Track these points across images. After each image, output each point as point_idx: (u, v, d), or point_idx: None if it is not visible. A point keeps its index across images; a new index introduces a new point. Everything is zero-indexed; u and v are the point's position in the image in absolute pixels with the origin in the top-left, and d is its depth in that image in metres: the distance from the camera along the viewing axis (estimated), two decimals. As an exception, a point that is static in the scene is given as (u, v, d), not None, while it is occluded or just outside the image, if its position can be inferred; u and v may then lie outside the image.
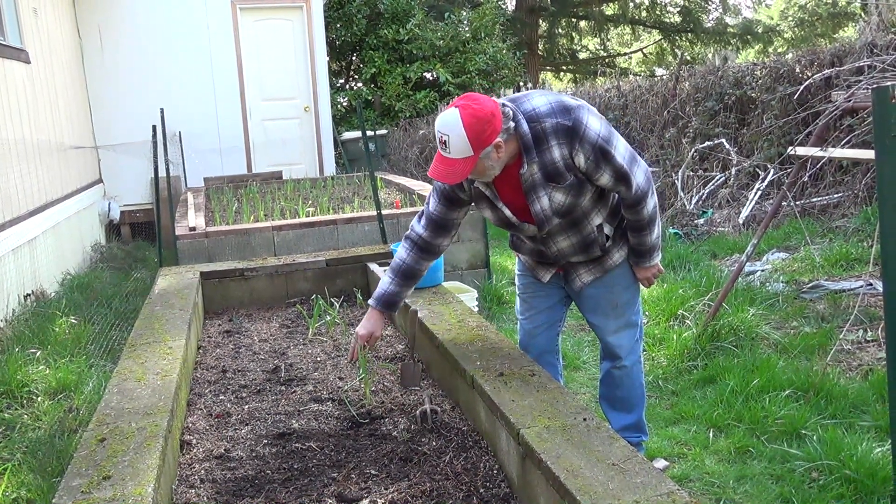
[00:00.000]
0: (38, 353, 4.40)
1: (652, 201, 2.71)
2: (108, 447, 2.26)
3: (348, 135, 12.47)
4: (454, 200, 2.80)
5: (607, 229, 2.81)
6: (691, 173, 8.20)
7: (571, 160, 2.55)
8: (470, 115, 2.42)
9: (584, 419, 2.27)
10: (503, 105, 2.54)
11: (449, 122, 2.44)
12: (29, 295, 5.84)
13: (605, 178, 2.60)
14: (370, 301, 2.97)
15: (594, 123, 2.54)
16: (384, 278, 2.95)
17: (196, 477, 2.47)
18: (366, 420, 2.87)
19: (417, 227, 2.89)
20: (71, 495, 1.98)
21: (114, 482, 2.04)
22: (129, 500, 1.94)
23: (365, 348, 2.95)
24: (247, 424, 2.90)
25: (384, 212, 5.96)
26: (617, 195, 2.76)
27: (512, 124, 2.52)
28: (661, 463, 3.27)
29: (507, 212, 2.72)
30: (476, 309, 4.99)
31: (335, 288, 4.73)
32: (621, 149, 2.60)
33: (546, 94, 2.62)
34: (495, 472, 2.43)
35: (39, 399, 3.89)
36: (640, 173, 2.65)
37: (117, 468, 2.12)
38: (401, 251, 2.92)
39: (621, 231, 2.86)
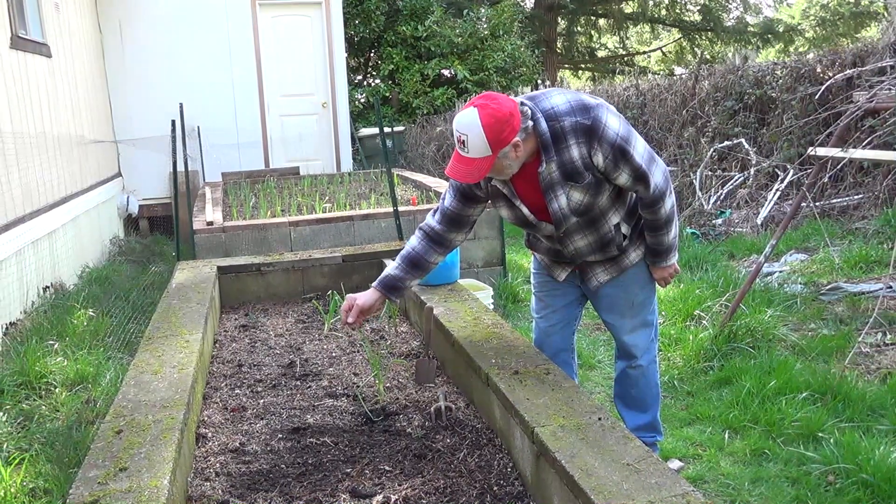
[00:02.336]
0: (56, 345, 4.44)
1: (670, 201, 2.70)
2: (125, 439, 2.28)
3: (365, 131, 12.48)
4: (470, 197, 2.79)
5: (624, 228, 2.80)
6: (710, 173, 8.14)
7: (590, 159, 2.55)
8: (489, 114, 2.42)
9: (599, 418, 2.26)
10: (521, 104, 2.53)
11: (467, 121, 2.43)
12: (48, 287, 5.90)
13: (623, 178, 2.59)
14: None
15: (613, 122, 2.53)
16: (391, 263, 2.95)
17: (211, 470, 2.49)
18: (380, 416, 2.88)
19: (431, 220, 2.88)
20: (88, 486, 2.00)
21: (130, 473, 2.06)
22: (145, 492, 1.96)
23: (347, 314, 2.89)
24: (262, 419, 2.91)
25: (400, 208, 5.97)
26: (635, 194, 2.74)
27: (530, 123, 2.51)
28: (675, 463, 3.26)
29: (525, 210, 2.71)
30: (491, 307, 4.99)
31: (351, 283, 4.74)
32: (640, 148, 2.59)
33: (565, 93, 2.61)
34: (509, 470, 2.43)
35: (57, 390, 3.92)
36: (659, 173, 2.64)
37: (134, 460, 2.14)
38: (412, 239, 2.91)
39: (638, 230, 2.84)
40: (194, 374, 2.87)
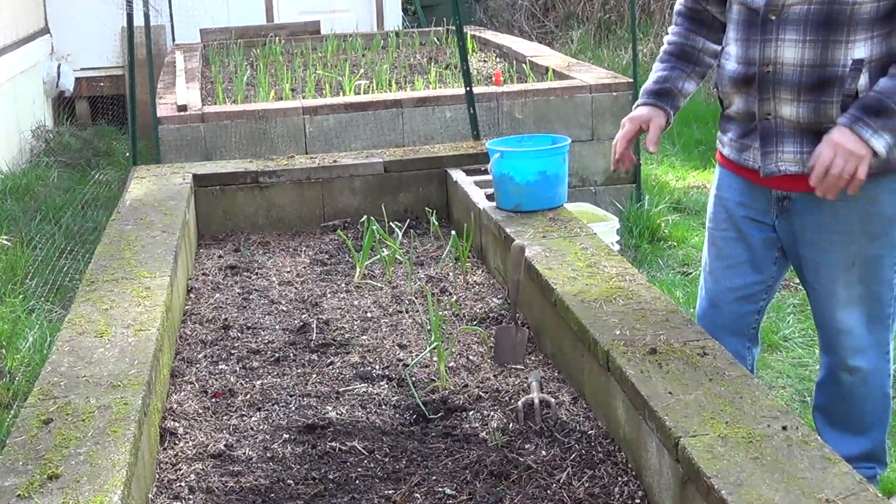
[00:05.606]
0: (-46, 289, 4.58)
1: None
2: (57, 432, 2.35)
3: (424, -35, 12.38)
4: None
5: (862, 81, 2.73)
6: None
7: None
8: None
9: (784, 427, 2.24)
10: None
11: None
12: (-58, 201, 6.07)
13: None
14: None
15: None
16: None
17: (183, 483, 2.55)
18: (439, 412, 2.91)
19: None
20: (2, 500, 2.07)
21: (64, 484, 2.12)
22: (85, 512, 2.02)
23: (631, 141, 3.25)
24: (259, 409, 2.97)
25: (477, 90, 5.92)
26: None
27: None
28: (904, 503, 3.23)
29: None
30: (617, 247, 4.96)
31: (397, 206, 4.75)
32: None
33: None
34: (637, 500, 2.44)
35: (-43, 356, 4.05)
36: None
37: (69, 464, 2.20)
38: (669, 35, 3.26)
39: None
40: (158, 339, 2.94)
